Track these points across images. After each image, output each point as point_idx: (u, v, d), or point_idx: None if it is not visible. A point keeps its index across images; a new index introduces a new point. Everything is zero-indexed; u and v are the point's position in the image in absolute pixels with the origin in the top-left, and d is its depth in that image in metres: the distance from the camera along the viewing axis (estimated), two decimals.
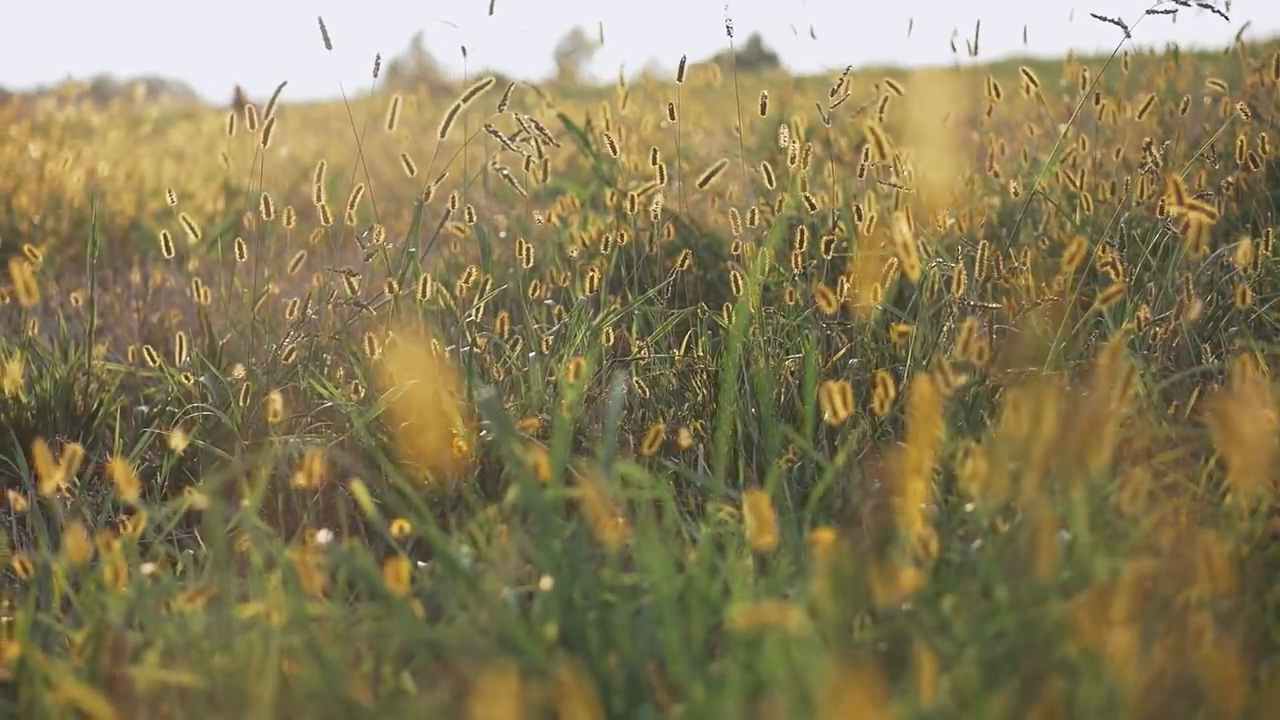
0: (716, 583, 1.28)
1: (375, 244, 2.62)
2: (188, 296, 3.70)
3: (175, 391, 2.66)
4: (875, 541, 0.81)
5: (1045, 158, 3.30)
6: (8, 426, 2.77)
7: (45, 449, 1.40)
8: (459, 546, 1.51)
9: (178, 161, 6.56)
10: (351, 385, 2.35)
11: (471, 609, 1.41)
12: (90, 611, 1.31)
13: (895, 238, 1.81)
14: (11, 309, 3.56)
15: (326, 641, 1.21)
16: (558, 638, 1.33)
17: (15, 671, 1.36)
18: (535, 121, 2.69)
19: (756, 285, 2.23)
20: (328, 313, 2.61)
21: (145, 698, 1.12)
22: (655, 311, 2.61)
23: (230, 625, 1.31)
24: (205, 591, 1.53)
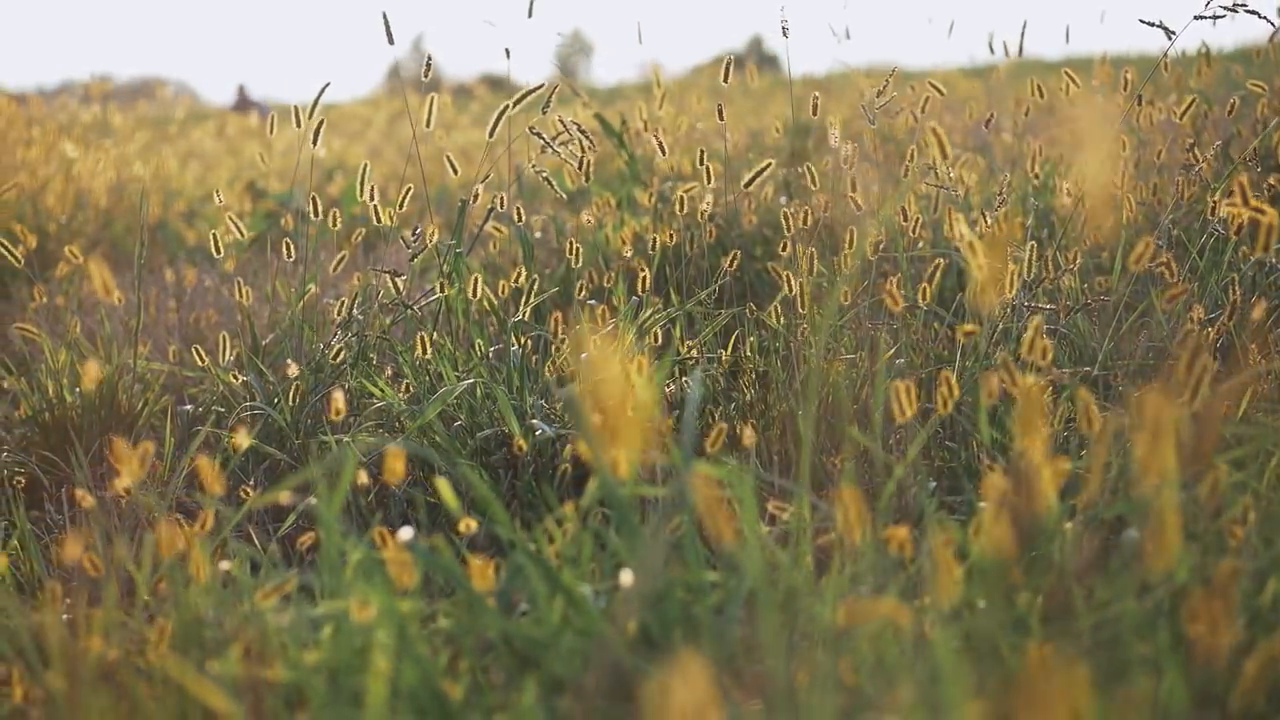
0: (799, 578, 1.29)
1: (422, 244, 2.63)
2: (223, 296, 3.72)
3: (220, 391, 2.68)
4: (1021, 541, 0.82)
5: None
6: (51, 426, 2.78)
7: (125, 445, 1.41)
8: (529, 544, 1.52)
9: (201, 162, 6.58)
10: (402, 384, 2.36)
11: (543, 605, 1.42)
12: (182, 607, 1.31)
13: (957, 237, 1.82)
14: (49, 308, 3.57)
15: (418, 637, 1.22)
16: (641, 633, 1.34)
17: (101, 667, 1.37)
18: (577, 123, 2.71)
19: (808, 286, 2.24)
20: (373, 312, 2.62)
21: (267, 692, 1.13)
22: (697, 311, 2.61)
23: (317, 621, 1.33)
24: (282, 588, 1.54)
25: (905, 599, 1.37)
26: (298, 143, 7.80)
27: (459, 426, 2.24)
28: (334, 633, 1.28)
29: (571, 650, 1.29)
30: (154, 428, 2.79)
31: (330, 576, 1.49)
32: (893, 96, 2.51)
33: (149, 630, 1.47)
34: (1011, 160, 3.63)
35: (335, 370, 2.53)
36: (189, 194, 5.87)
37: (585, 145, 2.68)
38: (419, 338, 2.28)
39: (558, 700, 1.28)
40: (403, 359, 2.39)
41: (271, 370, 2.69)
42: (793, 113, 3.68)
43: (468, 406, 2.28)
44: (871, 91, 3.02)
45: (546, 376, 2.33)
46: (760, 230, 3.70)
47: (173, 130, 6.82)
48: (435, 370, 2.38)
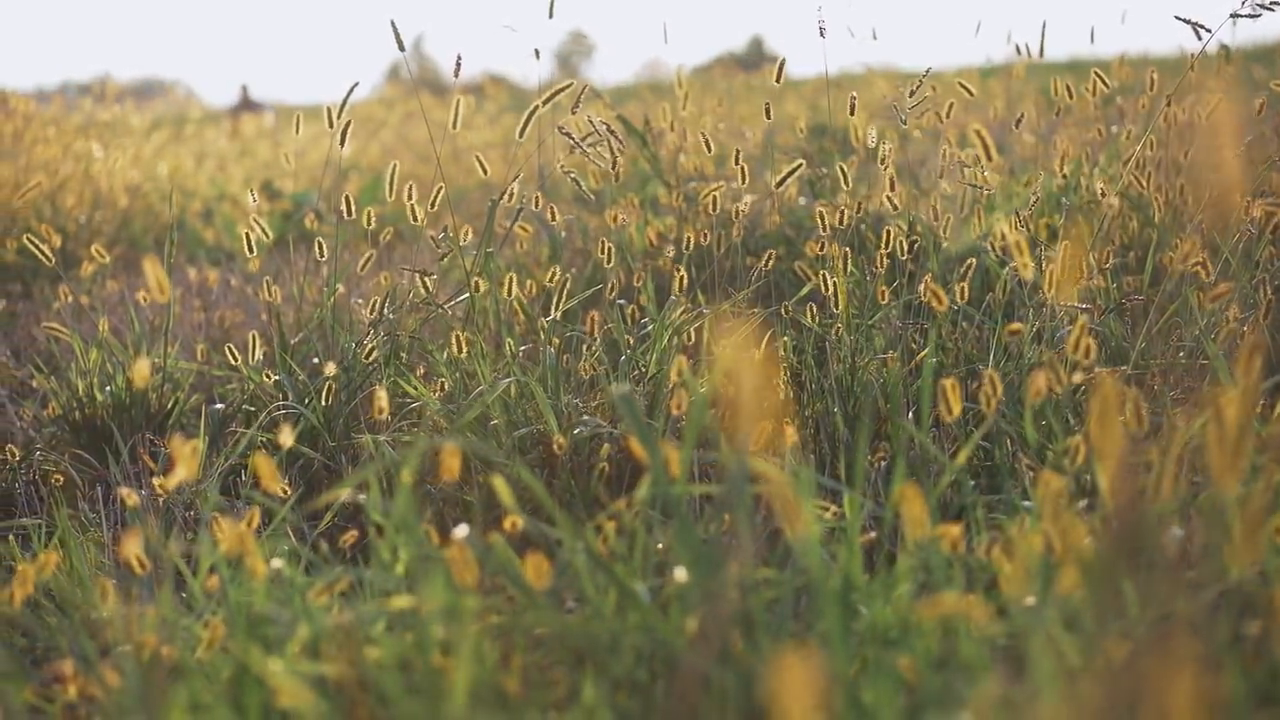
0: (857, 574, 1.30)
1: (451, 243, 2.63)
2: (246, 296, 3.73)
3: (250, 390, 2.68)
4: (1127, 539, 0.82)
5: (1106, 159, 3.32)
6: (82, 425, 2.79)
7: (181, 441, 1.41)
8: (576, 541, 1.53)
9: (215, 162, 6.59)
10: (435, 384, 2.37)
11: (602, 602, 1.42)
12: (240, 605, 1.32)
13: (996, 237, 1.83)
14: (73, 308, 3.58)
15: (482, 635, 1.23)
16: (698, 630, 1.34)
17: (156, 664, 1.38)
18: (607, 123, 2.71)
19: (845, 285, 2.25)
20: (403, 312, 2.62)
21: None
22: (722, 310, 2.62)
23: (377, 618, 1.33)
24: (333, 586, 1.55)
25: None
26: (310, 144, 7.80)
27: (495, 425, 2.25)
28: (395, 629, 1.29)
29: (631, 647, 1.29)
30: (183, 426, 2.80)
31: (382, 574, 1.50)
32: (925, 97, 2.51)
33: (199, 628, 1.48)
34: (1034, 160, 3.64)
35: (366, 370, 2.53)
36: (204, 194, 5.88)
37: (615, 145, 2.69)
38: (454, 336, 2.29)
39: (615, 697, 1.29)
40: (435, 358, 2.40)
41: (301, 370, 2.70)
42: (822, 111, 3.68)
43: (503, 405, 2.28)
44: (891, 92, 3.02)
45: (582, 375, 2.34)
46: (782, 230, 3.70)
47: (188, 130, 6.84)
48: (468, 369, 2.38)
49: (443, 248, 2.64)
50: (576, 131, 2.72)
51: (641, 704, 1.30)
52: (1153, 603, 0.97)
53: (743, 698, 1.27)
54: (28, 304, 4.12)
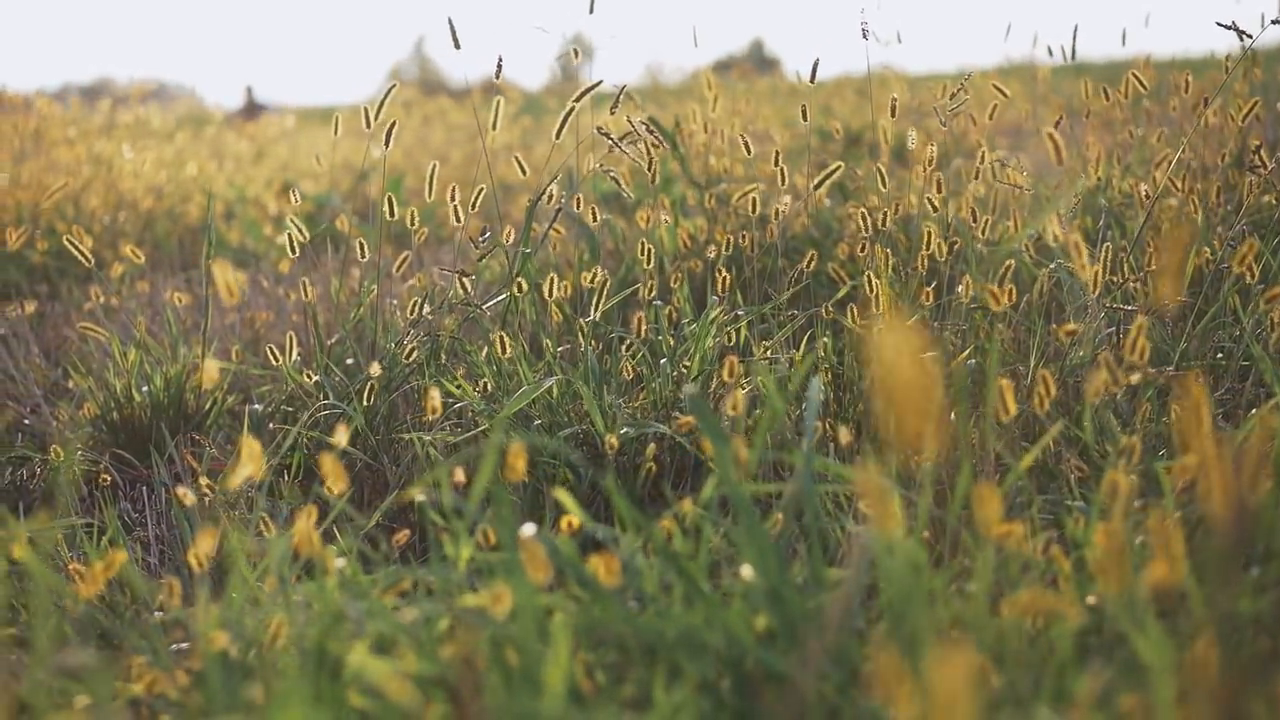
0: (935, 573, 1.30)
1: (490, 244, 2.64)
2: (276, 297, 3.73)
3: (288, 390, 2.69)
4: (1237, 535, 0.83)
5: (1136, 161, 3.32)
6: (119, 426, 2.80)
7: (256, 441, 1.42)
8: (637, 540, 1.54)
9: (235, 164, 6.61)
10: (478, 384, 2.37)
11: (658, 600, 1.43)
12: (317, 602, 1.33)
13: (1050, 239, 1.83)
14: (104, 308, 3.59)
15: (555, 632, 1.23)
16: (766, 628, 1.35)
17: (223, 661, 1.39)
18: (646, 124, 2.72)
19: (887, 286, 2.25)
20: (441, 312, 2.63)
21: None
22: (757, 311, 2.62)
23: (449, 615, 1.34)
24: (399, 585, 1.55)
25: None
26: (326, 146, 7.80)
27: (538, 425, 2.26)
28: (462, 627, 1.29)
29: (704, 646, 1.30)
30: (220, 426, 2.81)
31: (443, 572, 1.51)
32: (965, 101, 2.52)
33: (267, 625, 1.49)
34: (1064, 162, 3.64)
35: (406, 370, 2.54)
36: (224, 195, 5.89)
37: (652, 146, 2.70)
38: (498, 337, 2.30)
39: (688, 695, 1.29)
40: (476, 358, 2.41)
41: (338, 370, 2.71)
42: (835, 114, 3.69)
43: (546, 405, 2.29)
44: (909, 95, 3.01)
45: (624, 375, 2.34)
46: (808, 232, 3.71)
47: (210, 132, 6.85)
48: (510, 370, 2.39)
49: (482, 248, 2.65)
50: (601, 132, 2.73)
51: (713, 702, 1.31)
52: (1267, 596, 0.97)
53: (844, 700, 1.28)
54: (55, 305, 4.13)
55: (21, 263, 4.46)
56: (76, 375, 2.91)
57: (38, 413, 3.06)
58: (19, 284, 4.32)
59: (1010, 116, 5.27)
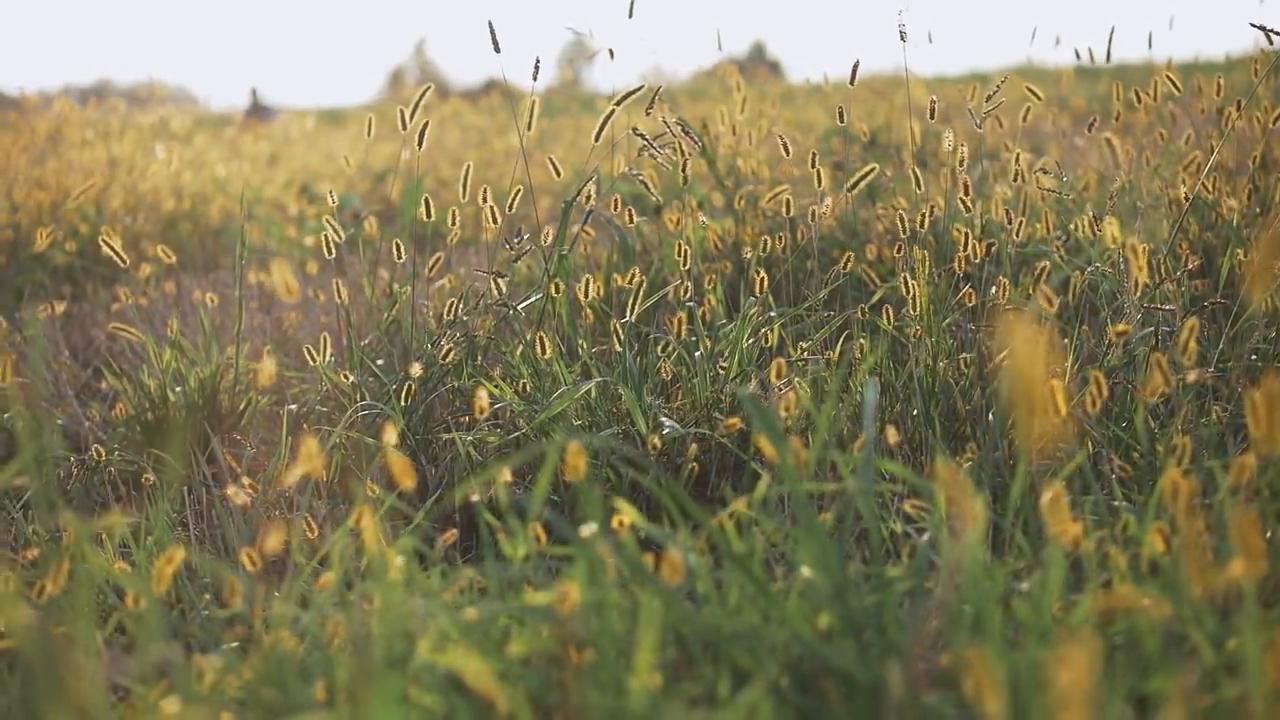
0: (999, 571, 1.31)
1: (525, 245, 2.65)
2: (305, 297, 3.75)
3: (323, 391, 2.70)
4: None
5: (1165, 163, 3.33)
6: (154, 426, 2.81)
7: (313, 441, 1.43)
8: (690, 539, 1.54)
9: (252, 165, 6.62)
10: (516, 385, 2.38)
11: (712, 599, 1.44)
12: (380, 603, 1.33)
13: (1108, 241, 1.84)
14: (134, 309, 3.60)
15: (625, 629, 1.24)
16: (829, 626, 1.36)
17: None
18: (682, 124, 2.73)
19: (926, 288, 2.26)
20: (477, 313, 2.64)
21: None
22: (793, 313, 2.63)
23: (517, 613, 1.35)
24: (459, 584, 1.56)
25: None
26: (344, 147, 7.81)
27: (578, 425, 2.27)
28: (530, 626, 1.31)
29: (769, 644, 1.31)
30: (256, 427, 2.82)
31: (504, 570, 1.52)
32: (1000, 102, 2.53)
33: (328, 622, 1.50)
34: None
35: (443, 370, 2.55)
36: (244, 196, 5.89)
37: (685, 147, 2.71)
38: (538, 338, 2.31)
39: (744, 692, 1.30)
40: (515, 359, 2.42)
41: (377, 370, 2.72)
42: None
43: (584, 405, 2.30)
44: (929, 97, 3.02)
45: (663, 375, 2.35)
46: (833, 234, 3.72)
47: (230, 133, 6.88)
48: (547, 371, 2.40)
49: (517, 249, 2.66)
50: (636, 133, 2.74)
51: (775, 700, 1.32)
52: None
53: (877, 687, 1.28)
54: (81, 305, 4.14)
55: (45, 264, 4.48)
56: (110, 375, 2.92)
57: (69, 413, 3.07)
58: (43, 285, 4.34)
59: (1029, 119, 5.27)
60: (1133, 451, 2.08)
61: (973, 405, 2.34)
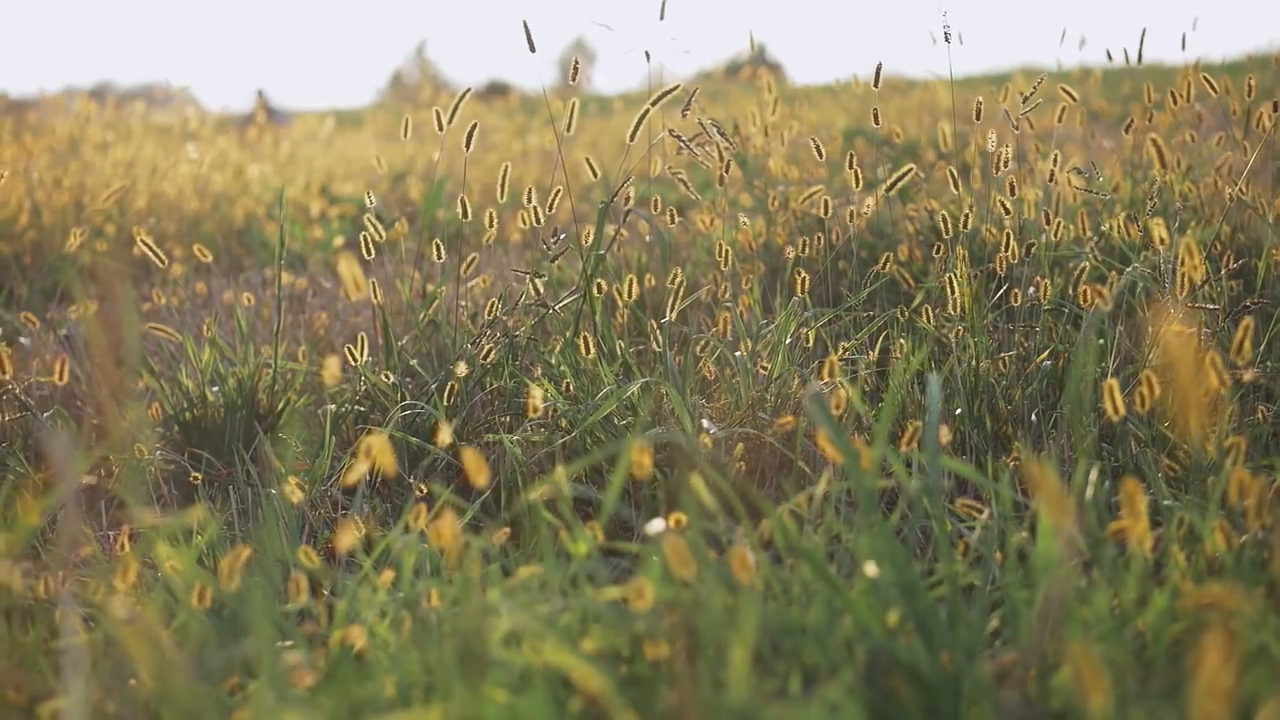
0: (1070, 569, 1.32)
1: (563, 246, 2.66)
2: (335, 297, 3.76)
3: (361, 391, 2.72)
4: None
5: (1196, 164, 3.34)
6: (192, 425, 2.82)
7: (381, 439, 1.44)
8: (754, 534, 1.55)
9: (274, 166, 6.64)
10: (562, 384, 2.39)
11: (776, 595, 1.45)
12: (463, 601, 1.35)
13: (1155, 240, 1.85)
14: (166, 308, 3.62)
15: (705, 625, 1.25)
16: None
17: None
18: (717, 125, 2.74)
19: (968, 287, 2.27)
20: (515, 313, 2.65)
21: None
22: (834, 313, 2.64)
23: (592, 609, 1.36)
24: (523, 578, 1.57)
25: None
26: (360, 149, 7.83)
27: (623, 425, 2.28)
28: (603, 621, 1.32)
29: (840, 639, 1.32)
30: (294, 426, 2.83)
31: (554, 567, 1.53)
32: (1039, 103, 2.54)
33: (389, 620, 1.51)
34: (1122, 162, 3.66)
35: (482, 370, 2.56)
36: (263, 197, 5.92)
37: (723, 147, 2.72)
38: (582, 338, 2.32)
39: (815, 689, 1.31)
40: (558, 359, 2.43)
41: (410, 371, 2.73)
42: (866, 117, 3.71)
43: (628, 405, 2.31)
44: (955, 98, 3.03)
45: (707, 375, 2.36)
46: (861, 234, 3.73)
47: (251, 135, 6.90)
48: (590, 371, 2.41)
49: (555, 249, 2.67)
50: (673, 134, 2.75)
51: (844, 695, 1.33)
52: None
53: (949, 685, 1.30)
54: (111, 305, 4.15)
55: (73, 264, 4.50)
56: (147, 375, 2.93)
57: (104, 411, 3.08)
58: (70, 286, 4.35)
59: (1046, 120, 5.27)
60: (1177, 450, 2.09)
61: (1014, 405, 2.35)
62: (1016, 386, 2.37)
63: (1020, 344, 2.53)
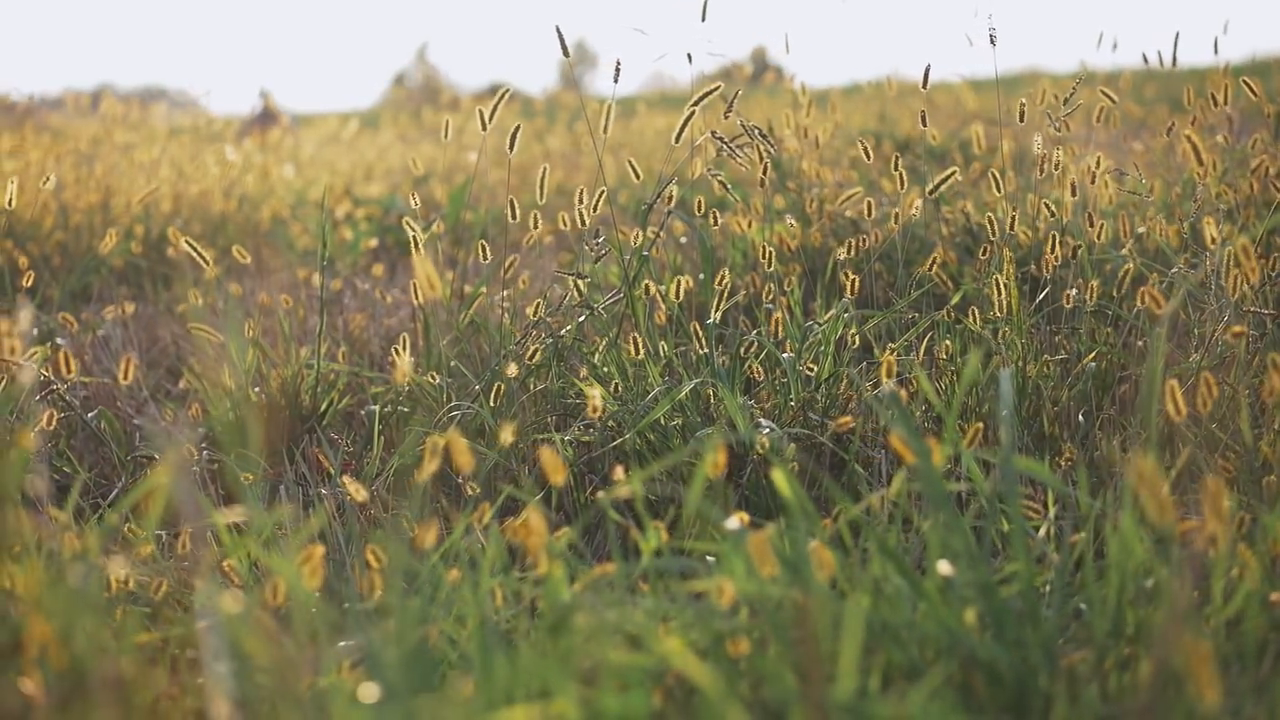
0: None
1: (605, 248, 2.67)
2: (370, 299, 3.78)
3: (404, 391, 2.73)
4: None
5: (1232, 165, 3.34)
6: (235, 426, 2.84)
7: (463, 441, 1.45)
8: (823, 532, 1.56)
9: (296, 168, 6.66)
10: (612, 385, 2.41)
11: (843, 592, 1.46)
12: (550, 599, 1.36)
13: (1208, 242, 1.86)
14: (201, 308, 3.63)
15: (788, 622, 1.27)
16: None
17: None
18: (759, 128, 2.75)
19: (1016, 289, 2.28)
20: (561, 314, 2.67)
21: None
22: (884, 316, 2.65)
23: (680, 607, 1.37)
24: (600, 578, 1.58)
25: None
26: (380, 150, 7.85)
27: (674, 427, 2.29)
28: (691, 618, 1.33)
29: (924, 637, 1.33)
30: (335, 427, 2.84)
31: (625, 567, 1.54)
32: (1079, 104, 2.55)
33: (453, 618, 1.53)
34: (1137, 165, 3.66)
35: (527, 371, 2.57)
36: (285, 199, 5.94)
37: (765, 149, 2.74)
38: (631, 339, 2.33)
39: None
40: (607, 359, 2.44)
41: (452, 372, 2.74)
42: (890, 121, 3.72)
43: (677, 406, 2.32)
44: (976, 101, 3.03)
45: (756, 376, 2.38)
46: (894, 236, 3.74)
47: (274, 136, 6.94)
48: (640, 372, 2.43)
49: (595, 251, 2.68)
50: (715, 136, 2.76)
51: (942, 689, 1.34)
52: None
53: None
54: (144, 306, 4.17)
55: (104, 265, 4.52)
56: (189, 375, 2.95)
57: (144, 412, 3.10)
58: (102, 288, 4.37)
59: (1074, 123, 5.28)
60: (1229, 451, 2.10)
61: (1060, 406, 2.36)
62: (1062, 388, 2.38)
63: (1063, 346, 2.54)
